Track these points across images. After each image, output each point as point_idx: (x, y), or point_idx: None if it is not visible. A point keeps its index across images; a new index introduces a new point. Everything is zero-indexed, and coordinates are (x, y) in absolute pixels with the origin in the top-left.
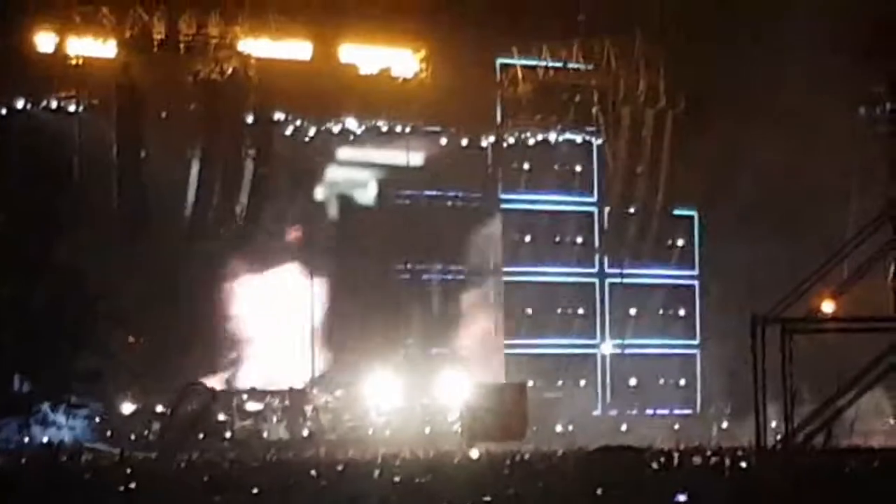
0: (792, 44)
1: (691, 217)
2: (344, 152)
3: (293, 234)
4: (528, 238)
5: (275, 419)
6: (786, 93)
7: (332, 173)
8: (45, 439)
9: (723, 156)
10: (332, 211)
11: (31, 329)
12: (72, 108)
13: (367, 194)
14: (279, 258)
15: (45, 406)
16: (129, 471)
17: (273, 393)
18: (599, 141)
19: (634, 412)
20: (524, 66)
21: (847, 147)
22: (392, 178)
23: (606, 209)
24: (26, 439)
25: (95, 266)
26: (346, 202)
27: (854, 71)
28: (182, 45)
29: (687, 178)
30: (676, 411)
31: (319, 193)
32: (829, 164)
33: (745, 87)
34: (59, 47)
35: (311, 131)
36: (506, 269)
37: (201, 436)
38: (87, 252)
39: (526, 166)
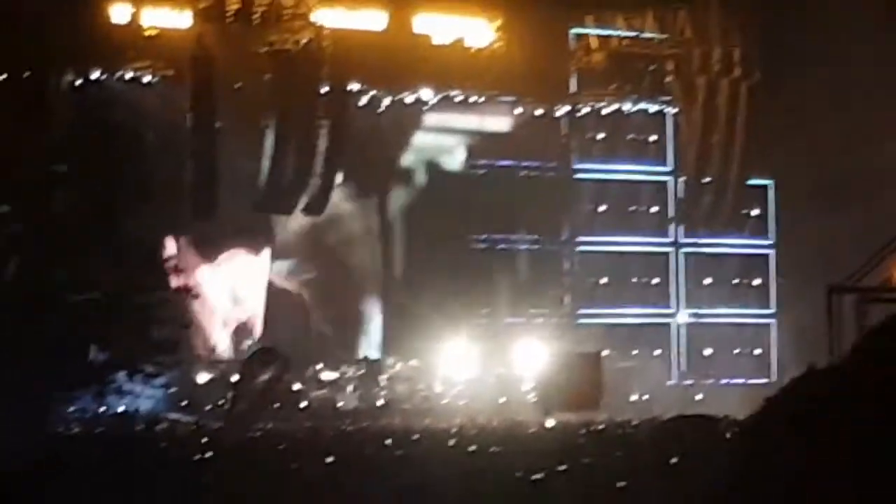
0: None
1: (766, 186)
2: (418, 123)
3: None
4: (601, 208)
5: (350, 388)
6: (860, 64)
7: (406, 144)
8: (120, 409)
9: (798, 125)
10: (409, 182)
11: (106, 300)
12: (146, 79)
13: (440, 164)
14: (353, 228)
15: (121, 376)
16: (204, 440)
17: (348, 362)
18: (674, 111)
19: (709, 382)
20: (598, 36)
21: None
22: (466, 148)
23: (681, 179)
24: (102, 409)
25: (169, 238)
26: (419, 172)
27: None
28: (256, 16)
29: (762, 147)
30: (751, 381)
31: (394, 164)
32: None
33: (821, 57)
34: (134, 18)
35: (386, 102)
36: (580, 239)
37: (276, 405)
38: (160, 224)
39: (600, 136)
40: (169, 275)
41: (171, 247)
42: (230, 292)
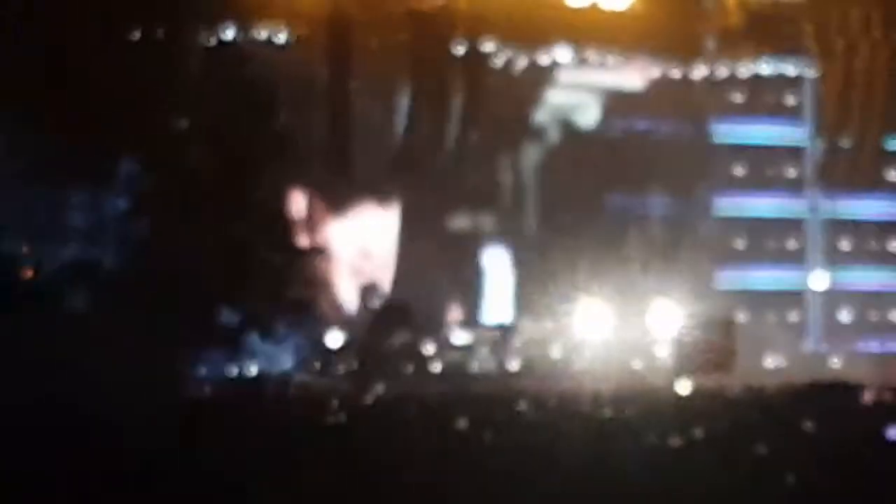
0: None
1: None
2: (554, 85)
3: None
4: (738, 172)
5: (483, 352)
6: None
7: (542, 106)
8: (253, 371)
9: None
10: (543, 143)
11: (237, 260)
12: (280, 40)
13: (576, 127)
14: (486, 192)
15: (254, 337)
16: (335, 403)
17: (481, 325)
18: (812, 73)
19: (847, 349)
20: None
21: None
22: (601, 109)
23: (820, 142)
24: (234, 371)
25: (300, 200)
26: (555, 135)
27: None
28: None
29: None
30: (891, 349)
31: (527, 125)
32: None
33: None
34: None
35: (521, 63)
36: (716, 203)
37: (407, 368)
38: (292, 183)
39: (737, 99)
40: (300, 234)
41: (303, 206)
42: (363, 252)
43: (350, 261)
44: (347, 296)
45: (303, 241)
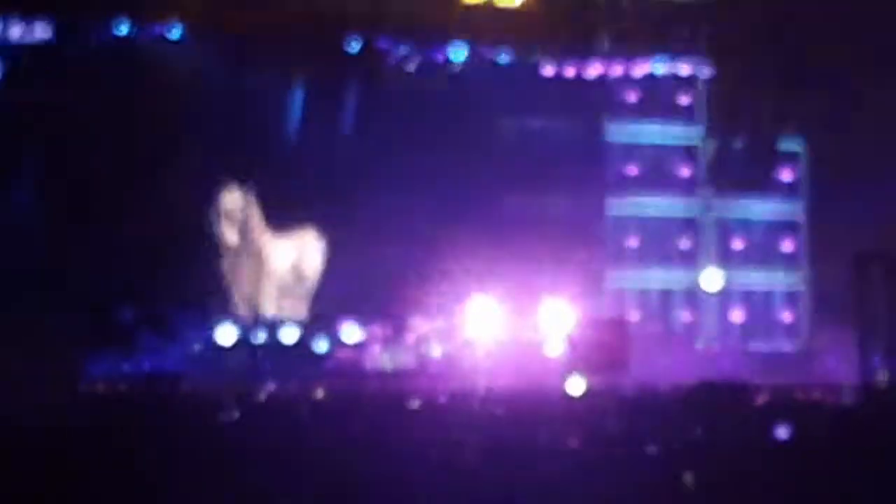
0: None
1: (797, 153)
2: (446, 82)
3: None
4: (631, 171)
5: (375, 349)
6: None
7: (431, 105)
8: (146, 368)
9: (832, 90)
10: (434, 142)
11: (134, 257)
12: (173, 34)
13: (468, 125)
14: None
15: (147, 334)
16: (229, 401)
17: (374, 322)
18: (705, 73)
19: (737, 348)
20: None
21: None
22: (495, 108)
23: (712, 143)
24: (127, 368)
25: (200, 195)
26: (447, 133)
27: None
28: None
29: (794, 112)
30: (780, 348)
31: (425, 125)
32: None
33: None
34: None
35: (415, 60)
36: (610, 203)
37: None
38: (193, 180)
39: (631, 99)
40: (195, 231)
41: (198, 202)
42: (257, 248)
43: (245, 257)
44: (244, 292)
45: (198, 237)
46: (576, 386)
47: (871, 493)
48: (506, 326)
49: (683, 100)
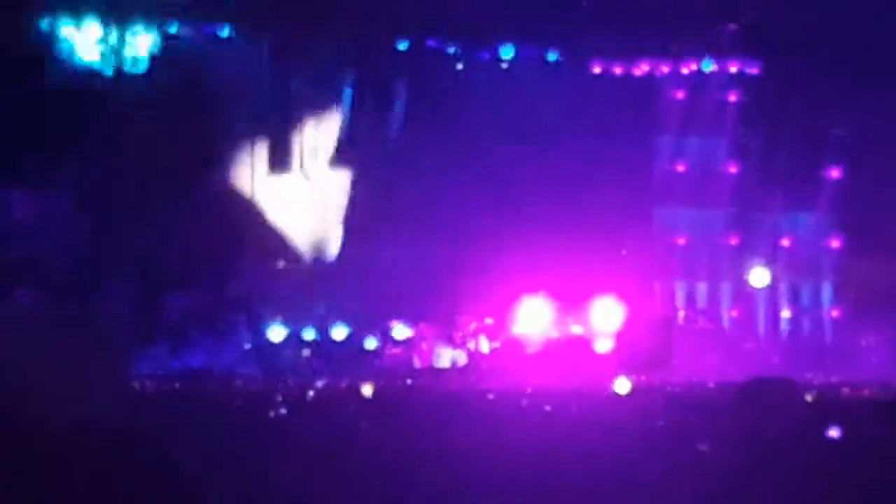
0: None
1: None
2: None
3: None
4: (679, 169)
5: (424, 346)
6: None
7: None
8: (195, 364)
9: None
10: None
11: (181, 256)
12: (223, 33)
13: (518, 124)
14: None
15: (196, 331)
16: (279, 398)
17: (422, 319)
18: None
19: (786, 344)
20: None
21: None
22: (545, 107)
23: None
24: (176, 364)
25: (253, 192)
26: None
27: None
28: None
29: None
30: (828, 345)
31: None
32: None
33: None
34: None
35: (463, 61)
36: (658, 200)
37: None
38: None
39: (679, 97)
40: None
41: (246, 200)
42: (306, 246)
43: (292, 255)
44: (290, 290)
45: (246, 235)
46: (623, 384)
47: None
48: (554, 324)
49: (732, 98)
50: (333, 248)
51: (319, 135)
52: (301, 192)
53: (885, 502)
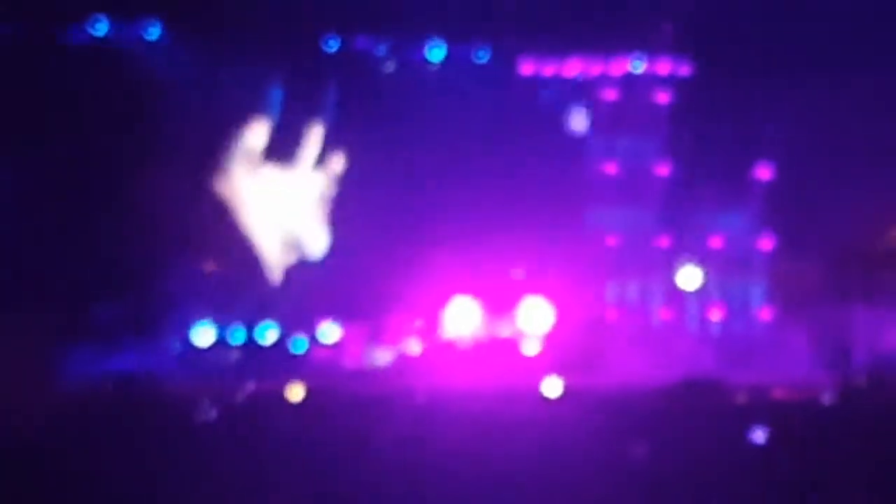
0: None
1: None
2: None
3: None
4: (610, 170)
5: (354, 348)
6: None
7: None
8: (120, 367)
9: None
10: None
11: (107, 259)
12: (152, 36)
13: (449, 125)
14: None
15: (122, 334)
16: (207, 401)
17: (352, 321)
18: (685, 72)
19: (716, 346)
20: None
21: None
22: (474, 108)
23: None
24: (101, 367)
25: (180, 193)
26: (427, 132)
27: None
28: None
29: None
30: (759, 347)
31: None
32: None
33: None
34: None
35: (395, 61)
36: (589, 201)
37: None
38: (162, 182)
39: (610, 97)
40: (173, 230)
41: (176, 202)
42: (236, 247)
43: (224, 255)
44: (224, 294)
45: (176, 237)
46: (553, 386)
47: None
48: (483, 325)
49: (663, 99)
50: (262, 249)
51: (248, 137)
52: (230, 193)
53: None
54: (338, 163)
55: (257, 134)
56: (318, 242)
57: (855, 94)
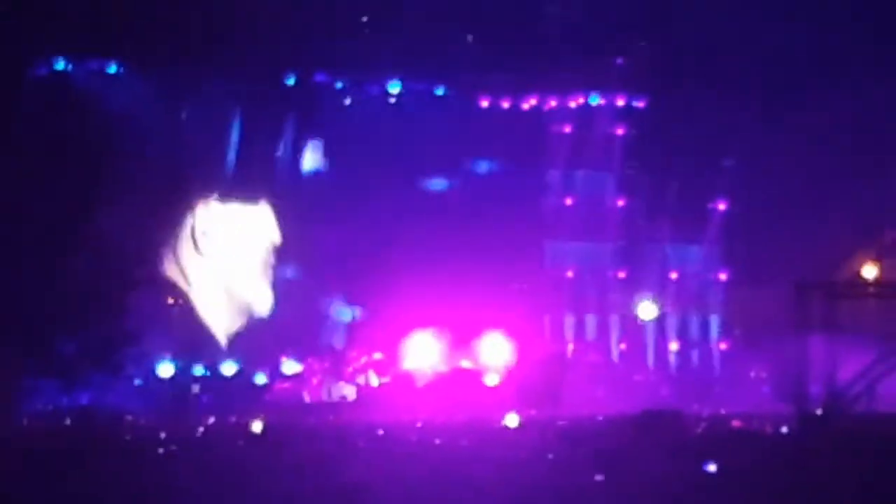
0: None
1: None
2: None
3: None
4: (568, 204)
5: (314, 381)
6: None
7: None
8: (84, 402)
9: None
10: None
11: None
12: (111, 70)
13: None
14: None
15: (85, 369)
16: (164, 435)
17: (313, 355)
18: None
19: (674, 377)
20: None
21: None
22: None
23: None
24: (66, 400)
25: (133, 231)
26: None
27: None
28: None
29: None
30: (716, 377)
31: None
32: None
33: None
34: None
35: (352, 95)
36: (547, 236)
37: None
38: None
39: (567, 130)
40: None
41: (138, 237)
42: (197, 283)
43: (184, 292)
44: (182, 328)
45: (138, 272)
46: (512, 419)
47: None
48: (444, 358)
49: (619, 132)
50: (222, 284)
51: (209, 169)
52: (190, 227)
53: None
54: (296, 196)
55: (218, 167)
56: (276, 278)
57: (810, 127)
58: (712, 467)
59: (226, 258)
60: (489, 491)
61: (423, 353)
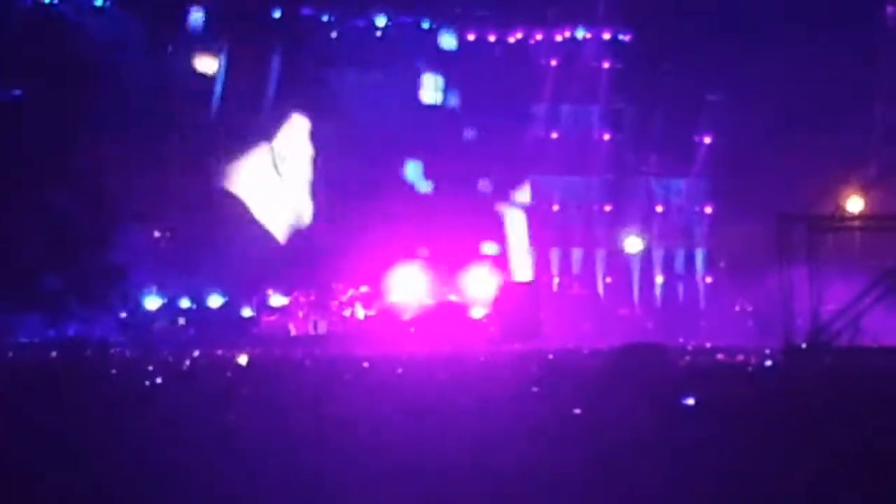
0: None
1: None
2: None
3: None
4: (554, 136)
5: (300, 314)
6: None
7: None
8: (71, 333)
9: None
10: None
11: (56, 226)
12: (98, 3)
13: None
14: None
15: (72, 301)
16: (151, 367)
17: (299, 288)
18: (627, 38)
19: (659, 311)
20: None
21: None
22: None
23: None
24: (52, 333)
25: (120, 164)
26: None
27: None
28: None
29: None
30: (702, 311)
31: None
32: None
33: None
34: None
35: (338, 27)
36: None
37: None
38: (111, 150)
39: (553, 64)
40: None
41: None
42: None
43: (168, 224)
44: (168, 260)
45: (123, 207)
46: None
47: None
48: (430, 291)
49: (605, 65)
50: (210, 217)
51: (196, 103)
52: (176, 159)
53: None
54: (285, 133)
55: (205, 100)
56: (263, 211)
57: (795, 60)
58: (690, 401)
59: (294, 178)
60: (471, 418)
61: (409, 286)
